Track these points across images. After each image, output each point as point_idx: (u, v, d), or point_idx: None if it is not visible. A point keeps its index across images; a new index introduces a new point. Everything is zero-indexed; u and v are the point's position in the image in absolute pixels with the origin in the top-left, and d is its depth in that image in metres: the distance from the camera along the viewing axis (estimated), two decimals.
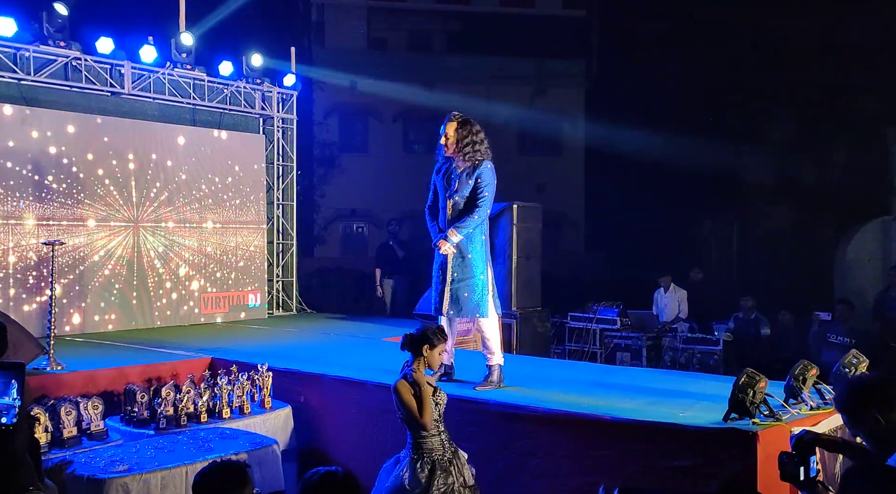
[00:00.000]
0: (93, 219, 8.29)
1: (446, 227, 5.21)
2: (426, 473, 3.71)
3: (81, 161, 8.21)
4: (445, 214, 5.25)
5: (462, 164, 5.25)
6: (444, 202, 5.26)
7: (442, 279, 5.22)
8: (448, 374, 5.33)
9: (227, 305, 9.58)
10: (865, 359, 4.53)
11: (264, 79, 10.10)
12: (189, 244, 9.22)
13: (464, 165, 5.24)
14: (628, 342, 9.61)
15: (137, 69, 8.72)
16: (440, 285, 5.23)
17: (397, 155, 20.59)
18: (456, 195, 5.22)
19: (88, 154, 8.27)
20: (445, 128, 5.27)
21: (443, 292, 5.20)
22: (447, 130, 5.27)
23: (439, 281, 5.26)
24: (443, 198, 5.27)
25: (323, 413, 5.64)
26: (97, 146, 8.35)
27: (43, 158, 7.91)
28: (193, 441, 4.48)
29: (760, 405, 3.92)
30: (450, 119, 5.30)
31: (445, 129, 5.27)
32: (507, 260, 9.32)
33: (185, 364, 6.21)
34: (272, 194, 10.45)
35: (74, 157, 8.15)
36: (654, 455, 4.05)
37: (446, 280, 5.20)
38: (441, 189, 5.30)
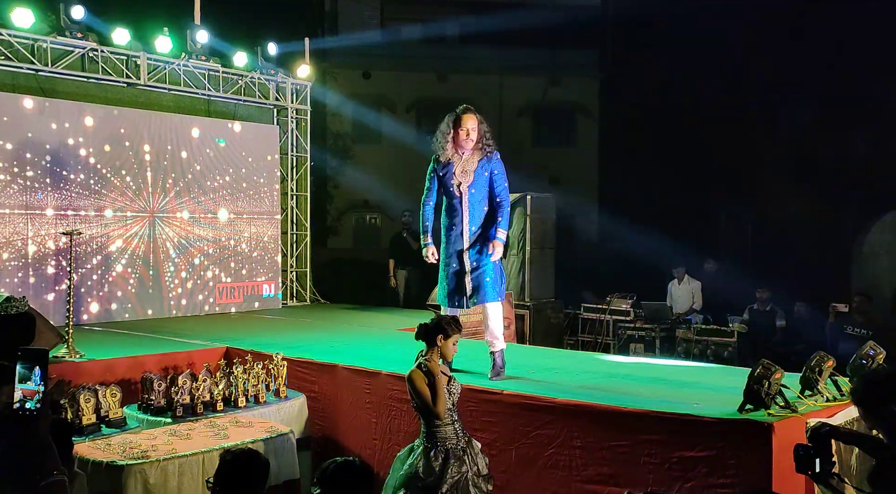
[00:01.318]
0: (110, 209, 8.37)
1: (471, 223, 5.22)
2: (440, 462, 3.73)
3: (99, 152, 8.27)
4: (462, 208, 5.22)
5: (475, 157, 5.24)
6: (458, 197, 5.22)
7: (460, 270, 5.21)
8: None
9: (242, 295, 9.64)
10: (883, 351, 4.50)
11: (278, 70, 10.12)
12: (204, 235, 9.28)
13: (477, 158, 5.24)
14: (642, 334, 9.58)
15: (153, 60, 8.77)
16: (457, 276, 5.23)
17: (410, 146, 20.56)
18: (473, 188, 5.22)
19: (105, 145, 8.34)
20: (464, 122, 5.19)
21: (463, 282, 5.20)
22: (468, 123, 5.19)
23: (455, 272, 5.25)
24: (455, 193, 5.23)
25: (337, 403, 5.68)
26: (114, 137, 8.41)
27: (61, 149, 7.98)
28: (210, 429, 4.53)
29: (776, 397, 3.90)
30: (467, 112, 5.24)
31: (465, 122, 5.19)
32: (520, 251, 9.34)
33: (200, 353, 6.27)
34: (286, 184, 10.49)
35: (92, 148, 8.22)
36: (669, 446, 4.04)
37: (465, 270, 5.21)
38: (450, 184, 5.24)
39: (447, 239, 5.29)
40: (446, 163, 5.26)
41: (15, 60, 7.75)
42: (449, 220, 5.28)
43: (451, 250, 5.27)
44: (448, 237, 5.29)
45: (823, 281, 11.39)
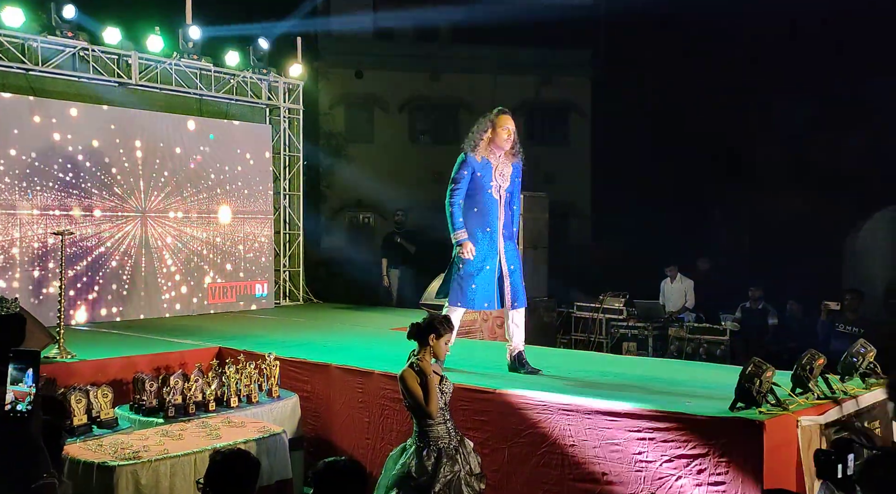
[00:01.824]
0: (101, 209, 8.33)
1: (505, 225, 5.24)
2: (432, 461, 3.73)
3: (89, 152, 8.24)
4: (499, 210, 5.21)
5: (509, 159, 5.26)
6: (496, 199, 5.20)
7: (498, 273, 5.20)
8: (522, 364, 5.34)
9: (235, 295, 9.62)
10: (873, 349, 4.53)
11: (270, 69, 10.09)
12: (196, 235, 9.25)
13: (511, 161, 5.27)
14: (635, 332, 9.60)
15: (144, 60, 8.73)
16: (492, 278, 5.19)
17: (403, 145, 20.56)
18: (508, 191, 5.27)
19: (95, 145, 8.30)
20: (506, 122, 5.18)
21: (502, 285, 5.22)
22: (510, 124, 5.20)
23: (493, 274, 5.21)
24: (493, 195, 5.19)
25: (330, 402, 5.67)
26: (105, 137, 8.38)
27: (50, 149, 7.94)
28: (202, 430, 4.51)
29: (767, 395, 3.91)
30: (506, 113, 5.24)
31: (506, 122, 5.18)
32: None
33: (193, 354, 6.25)
34: (279, 184, 10.47)
35: (82, 147, 8.19)
36: (661, 444, 4.05)
37: (504, 273, 5.21)
38: (488, 185, 5.19)
39: (478, 240, 5.20)
40: (483, 163, 5.20)
41: (5, 60, 7.71)
42: (481, 220, 5.21)
43: (486, 252, 5.20)
44: (480, 238, 5.20)
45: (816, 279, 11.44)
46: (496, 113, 5.25)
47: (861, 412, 4.29)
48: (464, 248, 5.17)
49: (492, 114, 5.26)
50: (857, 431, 2.98)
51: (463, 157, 5.24)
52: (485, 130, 5.19)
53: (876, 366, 4.51)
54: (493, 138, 5.17)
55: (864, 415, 4.31)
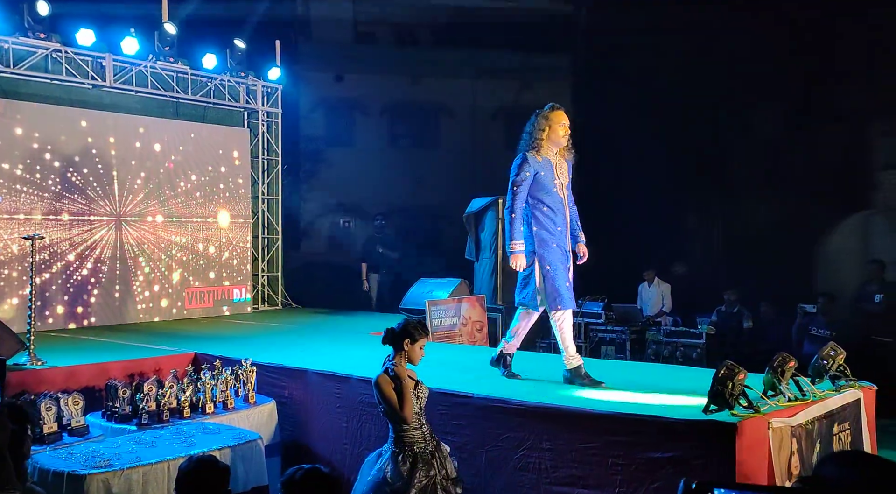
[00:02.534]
0: (73, 213, 8.23)
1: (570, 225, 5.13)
2: (408, 466, 3.72)
3: (62, 155, 8.13)
4: (565, 209, 5.09)
5: (564, 156, 5.15)
6: (560, 199, 5.07)
7: (565, 275, 5.09)
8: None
9: (212, 299, 9.54)
10: (843, 351, 4.60)
11: (248, 72, 10.04)
12: (172, 239, 9.16)
13: (566, 158, 5.16)
14: (612, 336, 9.65)
15: (119, 62, 8.65)
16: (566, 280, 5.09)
17: (384, 149, 20.54)
18: (568, 189, 5.15)
19: (69, 148, 8.20)
20: (562, 118, 5.05)
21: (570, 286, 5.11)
22: (565, 120, 5.06)
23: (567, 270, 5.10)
24: (558, 194, 5.06)
25: (307, 408, 5.64)
26: (78, 140, 8.28)
27: (23, 152, 7.83)
28: (176, 437, 4.47)
29: (739, 397, 3.95)
30: (560, 108, 5.12)
31: (563, 119, 5.05)
32: (492, 254, 9.36)
33: (168, 359, 6.18)
34: (257, 188, 10.41)
35: (55, 150, 8.08)
36: (636, 447, 4.07)
37: (568, 275, 5.11)
38: (553, 184, 5.04)
39: (550, 240, 5.03)
40: (544, 161, 5.05)
41: None
42: (553, 219, 5.04)
43: (562, 250, 5.06)
44: (551, 238, 5.03)
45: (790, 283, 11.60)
46: (551, 109, 5.09)
47: (831, 414, 4.35)
48: (516, 260, 5.00)
49: (546, 110, 5.13)
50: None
51: (522, 157, 5.04)
52: (542, 127, 5.01)
53: (846, 369, 4.58)
54: (549, 136, 5.02)
55: (835, 417, 4.37)
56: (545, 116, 5.04)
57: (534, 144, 5.01)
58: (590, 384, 4.99)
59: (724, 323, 9.56)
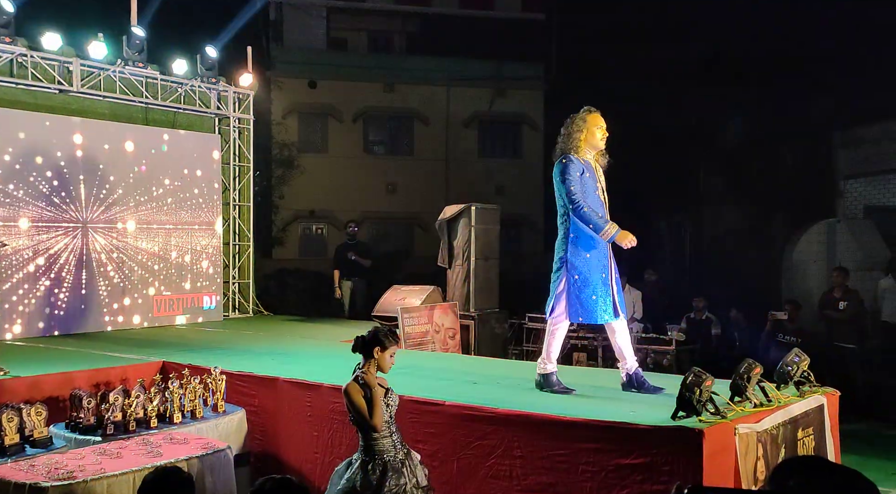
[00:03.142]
0: (37, 220, 8.07)
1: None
2: (377, 474, 3.70)
3: (28, 161, 7.97)
4: (605, 212, 4.97)
5: (600, 160, 5.06)
6: (599, 200, 4.96)
7: (612, 284, 4.92)
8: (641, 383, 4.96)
9: (181, 307, 9.41)
10: (807, 358, 4.68)
11: (220, 78, 9.96)
12: (141, 246, 9.03)
13: (602, 160, 5.07)
14: (584, 343, 9.70)
15: (87, 66, 8.52)
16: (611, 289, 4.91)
17: (357, 156, 20.51)
18: (605, 192, 5.06)
19: (35, 154, 8.05)
20: (600, 120, 4.96)
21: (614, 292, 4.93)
22: (603, 123, 4.97)
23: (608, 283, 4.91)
24: (599, 198, 4.97)
25: (277, 417, 5.59)
26: (44, 145, 8.12)
27: None
28: (142, 447, 4.39)
29: (707, 404, 4.00)
30: (597, 111, 5.00)
31: (600, 121, 4.96)
32: (465, 262, 9.37)
33: (135, 369, 6.08)
34: (228, 194, 10.31)
35: (21, 157, 7.92)
36: (605, 454, 4.10)
37: (612, 279, 4.94)
38: (595, 187, 4.95)
39: (596, 245, 4.87)
40: (586, 164, 4.94)
41: None
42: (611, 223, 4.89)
43: (600, 257, 4.90)
44: (597, 243, 4.88)
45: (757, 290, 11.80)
46: (588, 112, 4.98)
47: (796, 419, 4.42)
48: (625, 237, 4.78)
49: (582, 113, 4.98)
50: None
51: (566, 159, 4.92)
52: (580, 129, 4.91)
53: (809, 375, 4.66)
54: (587, 138, 4.91)
55: (799, 422, 4.44)
56: (582, 118, 4.94)
57: (573, 146, 4.91)
58: (560, 391, 4.97)
59: (694, 330, 9.68)
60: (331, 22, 21.19)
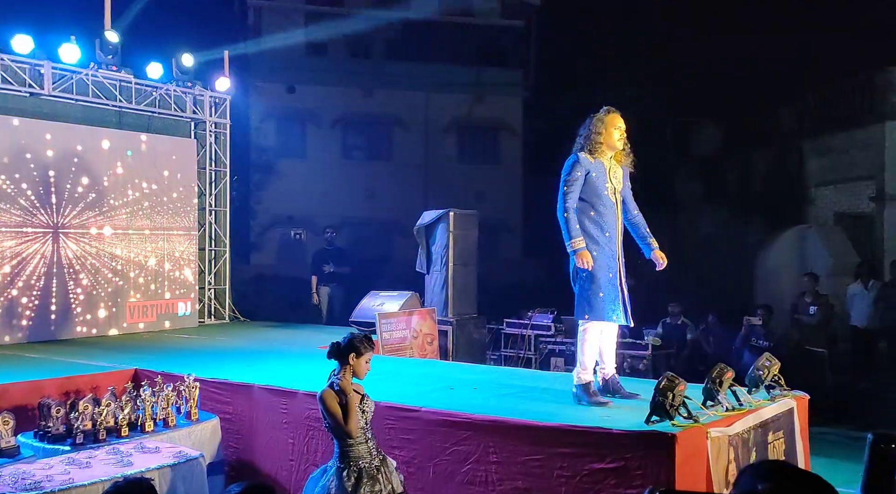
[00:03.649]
0: (6, 224, 7.93)
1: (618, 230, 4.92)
2: (353, 481, 3.68)
3: None
4: (616, 214, 4.90)
5: (619, 162, 4.97)
6: (612, 203, 4.88)
7: (621, 286, 4.87)
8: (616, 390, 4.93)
9: (155, 313, 9.30)
10: (777, 362, 4.74)
11: (196, 82, 9.87)
12: (114, 251, 8.91)
13: (621, 164, 4.99)
14: (562, 348, 9.74)
15: (59, 69, 8.40)
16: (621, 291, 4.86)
17: (336, 161, 20.45)
18: (623, 195, 4.98)
19: (4, 157, 7.92)
20: (618, 121, 4.89)
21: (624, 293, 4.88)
22: (621, 123, 4.89)
23: (616, 283, 4.86)
24: (610, 198, 4.88)
25: (252, 424, 5.53)
26: (14, 149, 8.00)
27: None
28: (112, 457, 4.32)
29: (679, 408, 4.04)
30: (615, 111, 4.93)
31: (618, 122, 4.88)
32: (443, 267, 9.37)
33: (106, 376, 5.99)
34: (204, 199, 10.22)
35: None
36: (580, 459, 4.12)
37: (622, 279, 4.89)
38: (604, 187, 4.86)
39: (600, 245, 4.82)
40: (597, 164, 4.88)
41: None
42: (601, 224, 4.85)
43: (608, 258, 4.83)
44: (603, 243, 4.83)
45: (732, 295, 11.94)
46: (606, 112, 4.92)
47: (766, 423, 4.48)
48: (582, 257, 4.72)
49: (601, 113, 4.92)
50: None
51: (574, 157, 4.87)
52: (598, 130, 4.84)
53: (780, 379, 4.73)
54: (605, 138, 4.85)
55: (769, 426, 4.50)
56: (601, 118, 4.88)
57: (588, 146, 4.86)
58: (597, 402, 4.75)
59: (670, 335, 9.77)
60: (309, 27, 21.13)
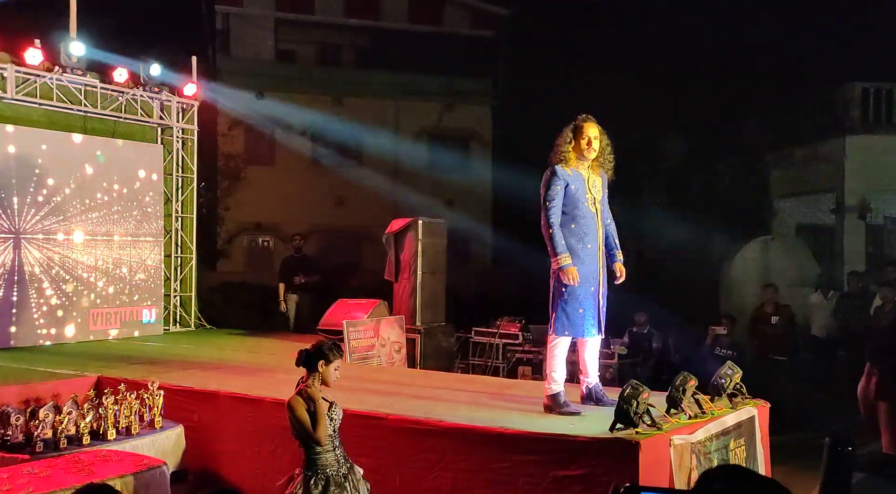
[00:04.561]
0: None
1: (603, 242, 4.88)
2: (320, 489, 3.67)
3: None
4: (597, 225, 4.85)
5: (597, 170, 4.93)
6: (592, 213, 4.83)
7: (597, 292, 4.81)
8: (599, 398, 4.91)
9: (119, 321, 9.14)
10: (739, 370, 4.85)
11: (163, 87, 9.77)
12: (78, 257, 8.75)
13: (599, 173, 4.94)
14: (530, 356, 9.80)
15: (22, 73, 8.25)
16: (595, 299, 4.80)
17: (305, 169, 20.35)
18: (602, 204, 4.92)
19: None
20: (586, 130, 4.82)
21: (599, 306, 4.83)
22: (590, 131, 4.81)
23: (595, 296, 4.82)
24: (589, 208, 4.82)
25: (217, 433, 5.48)
26: None
27: None
28: (73, 466, 4.24)
29: (643, 416, 4.11)
30: (589, 120, 4.87)
31: (587, 130, 4.81)
32: (412, 275, 9.38)
33: (68, 384, 5.88)
34: (171, 205, 10.09)
35: None
36: (546, 466, 4.16)
37: (600, 293, 4.84)
38: (583, 198, 4.80)
39: (581, 259, 4.74)
40: (575, 175, 4.83)
41: None
42: (581, 236, 4.79)
43: (588, 271, 4.75)
44: (582, 257, 4.76)
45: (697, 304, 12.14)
46: (582, 120, 4.87)
47: (728, 430, 4.57)
48: (568, 274, 4.64)
49: (577, 121, 4.88)
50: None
51: (551, 170, 4.81)
52: (568, 140, 4.80)
53: (742, 387, 4.83)
54: (574, 147, 4.80)
55: (731, 434, 4.59)
56: (573, 127, 4.84)
57: (561, 157, 4.81)
58: (567, 413, 4.72)
59: (636, 344, 9.89)
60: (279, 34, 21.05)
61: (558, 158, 4.84)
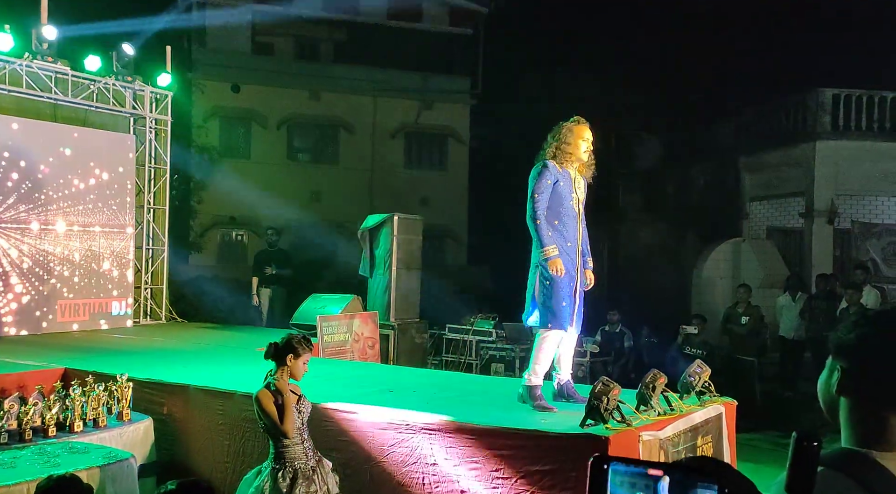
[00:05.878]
0: None
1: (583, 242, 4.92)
2: (287, 482, 3.66)
3: None
4: (579, 225, 4.89)
5: (582, 173, 4.95)
6: (575, 213, 4.87)
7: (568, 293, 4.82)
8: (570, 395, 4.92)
9: (87, 312, 9.00)
10: (708, 369, 4.93)
11: (136, 77, 9.62)
12: (46, 248, 8.60)
13: (584, 176, 4.96)
14: (503, 353, 9.85)
15: None
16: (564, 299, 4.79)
17: (281, 162, 20.20)
18: (582, 205, 4.94)
19: None
20: (586, 133, 4.87)
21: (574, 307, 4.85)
22: (588, 134, 4.87)
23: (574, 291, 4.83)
24: (573, 208, 4.86)
25: (187, 426, 5.43)
26: None
27: None
28: (38, 457, 4.18)
29: (613, 412, 4.15)
30: (584, 122, 4.89)
31: (586, 133, 4.87)
32: (386, 271, 9.37)
33: (34, 375, 5.78)
34: (143, 197, 9.96)
35: None
36: (517, 461, 4.19)
37: (578, 290, 4.86)
38: (569, 197, 4.84)
39: (563, 254, 4.79)
40: (564, 173, 4.85)
41: None
42: (564, 233, 4.83)
43: (569, 267, 4.80)
44: (563, 252, 4.80)
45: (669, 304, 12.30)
46: (575, 122, 4.89)
47: (696, 427, 4.64)
48: (555, 265, 4.70)
49: (570, 122, 4.90)
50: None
51: (542, 165, 4.83)
52: (567, 140, 4.82)
53: (710, 385, 4.91)
54: (573, 149, 4.83)
55: (699, 430, 4.66)
56: (569, 128, 4.86)
57: (555, 155, 4.85)
58: (541, 407, 4.76)
59: (608, 342, 9.99)
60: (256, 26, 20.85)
61: (553, 155, 4.88)
